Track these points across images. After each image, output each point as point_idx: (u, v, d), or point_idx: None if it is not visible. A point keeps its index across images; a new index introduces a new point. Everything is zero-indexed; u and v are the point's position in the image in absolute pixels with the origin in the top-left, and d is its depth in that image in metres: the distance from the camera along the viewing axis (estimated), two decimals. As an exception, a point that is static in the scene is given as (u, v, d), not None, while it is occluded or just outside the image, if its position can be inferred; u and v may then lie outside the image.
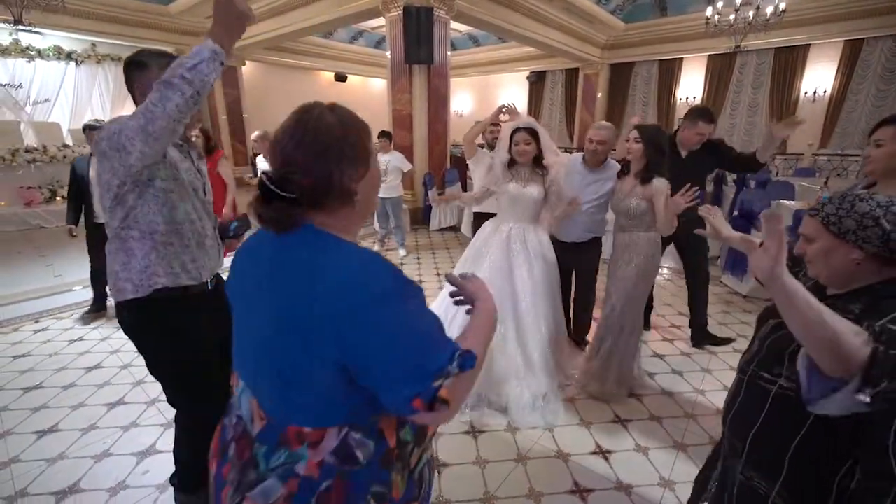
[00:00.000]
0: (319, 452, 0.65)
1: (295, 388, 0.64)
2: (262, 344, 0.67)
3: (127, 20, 8.03)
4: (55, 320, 3.24)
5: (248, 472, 0.67)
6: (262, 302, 0.67)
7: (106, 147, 1.13)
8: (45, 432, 2.02)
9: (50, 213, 6.34)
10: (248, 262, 0.74)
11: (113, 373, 2.52)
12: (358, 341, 0.59)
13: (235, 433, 0.73)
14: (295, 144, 0.64)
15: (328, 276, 0.61)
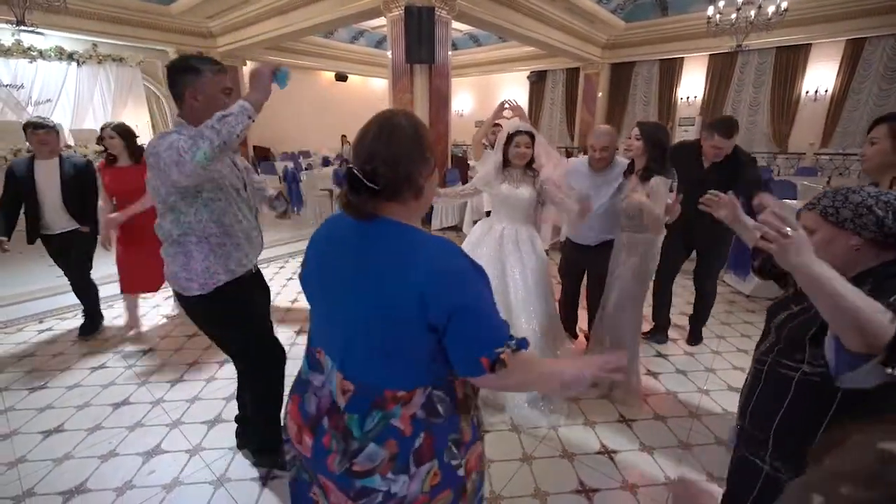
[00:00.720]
0: (411, 408, 0.78)
1: (394, 357, 0.76)
2: (358, 322, 0.77)
3: (128, 20, 8.04)
4: (59, 320, 3.25)
5: (350, 441, 0.78)
6: (353, 286, 0.77)
7: (152, 161, 1.27)
8: (50, 432, 2.02)
9: (52, 213, 6.34)
10: (329, 252, 0.85)
11: (118, 373, 2.53)
12: (457, 307, 0.71)
13: (323, 406, 0.82)
14: (381, 143, 0.75)
15: (419, 258, 0.74)
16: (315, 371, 0.86)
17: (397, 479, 0.77)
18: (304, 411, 0.85)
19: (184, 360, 2.67)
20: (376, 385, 0.77)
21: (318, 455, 0.81)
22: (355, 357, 0.79)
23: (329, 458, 0.79)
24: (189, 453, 1.89)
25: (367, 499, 0.77)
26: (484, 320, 0.74)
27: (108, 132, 2.76)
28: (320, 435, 0.81)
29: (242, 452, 1.86)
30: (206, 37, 9.27)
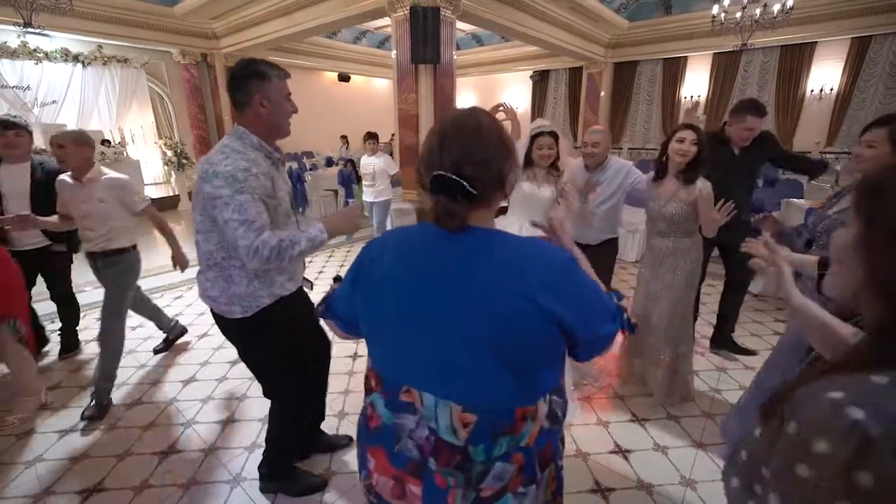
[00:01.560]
0: (538, 422, 0.73)
1: (522, 370, 0.70)
2: (475, 345, 0.68)
3: (132, 22, 8.06)
4: (69, 321, 3.25)
5: (472, 468, 0.71)
6: (462, 307, 0.69)
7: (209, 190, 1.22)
8: (66, 432, 2.03)
9: (58, 214, 6.37)
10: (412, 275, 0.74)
11: (130, 373, 2.54)
12: (577, 298, 0.71)
13: (426, 448, 0.72)
14: (472, 145, 0.71)
15: (535, 264, 0.70)
16: (404, 412, 0.74)
17: (527, 491, 0.73)
18: (398, 461, 0.74)
19: (195, 360, 2.68)
20: (505, 407, 0.70)
21: (434, 497, 0.72)
22: (472, 385, 0.70)
23: (449, 496, 0.71)
24: (204, 452, 1.90)
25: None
26: (600, 299, 0.75)
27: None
28: (429, 478, 0.72)
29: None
30: (209, 38, 9.29)
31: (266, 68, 1.30)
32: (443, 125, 0.74)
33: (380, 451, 0.76)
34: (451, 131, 0.72)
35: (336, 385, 2.40)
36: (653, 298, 2.18)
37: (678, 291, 2.11)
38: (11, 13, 6.03)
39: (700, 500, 1.67)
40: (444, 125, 0.74)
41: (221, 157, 1.24)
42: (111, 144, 7.64)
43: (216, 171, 1.21)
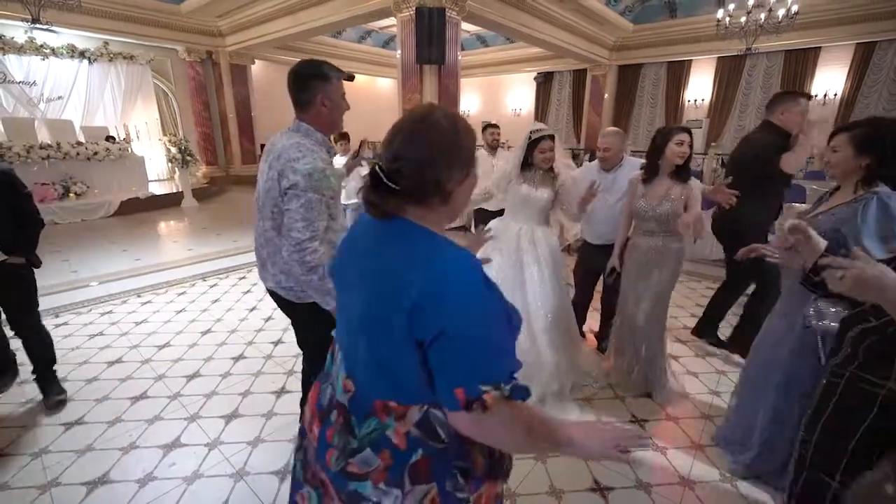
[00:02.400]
0: (405, 424, 0.71)
1: (385, 365, 0.71)
2: (358, 322, 0.74)
3: (139, 19, 8.11)
4: (74, 315, 3.29)
5: (349, 439, 0.75)
6: (362, 284, 0.75)
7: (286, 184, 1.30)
8: (71, 424, 2.06)
9: (64, 209, 6.41)
10: (351, 248, 0.83)
11: (134, 367, 2.56)
12: (438, 325, 0.63)
13: (333, 399, 0.81)
14: (410, 143, 0.70)
15: (421, 265, 0.67)
16: (333, 363, 0.86)
17: (389, 491, 0.71)
18: (319, 400, 0.85)
19: (199, 356, 2.71)
20: (369, 392, 0.73)
21: (321, 447, 0.79)
22: (357, 357, 0.75)
23: (328, 452, 0.77)
24: (208, 447, 1.92)
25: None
26: (477, 350, 0.63)
27: None
28: (326, 427, 0.80)
29: None
30: (215, 36, 9.34)
31: (328, 70, 1.38)
32: (402, 117, 0.75)
33: (315, 388, 0.89)
34: (399, 128, 0.72)
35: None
36: (637, 298, 2.20)
37: (662, 290, 2.14)
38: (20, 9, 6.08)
39: (698, 500, 1.68)
40: (403, 117, 0.74)
41: (299, 155, 1.31)
42: (116, 140, 7.67)
43: (295, 167, 1.29)
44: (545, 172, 2.26)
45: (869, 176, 1.39)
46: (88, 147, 6.99)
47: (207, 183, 9.28)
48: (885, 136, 1.34)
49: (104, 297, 3.60)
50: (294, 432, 2.01)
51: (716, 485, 1.75)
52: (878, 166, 1.36)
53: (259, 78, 10.64)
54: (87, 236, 5.56)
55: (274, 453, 1.89)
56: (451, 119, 0.73)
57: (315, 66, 1.37)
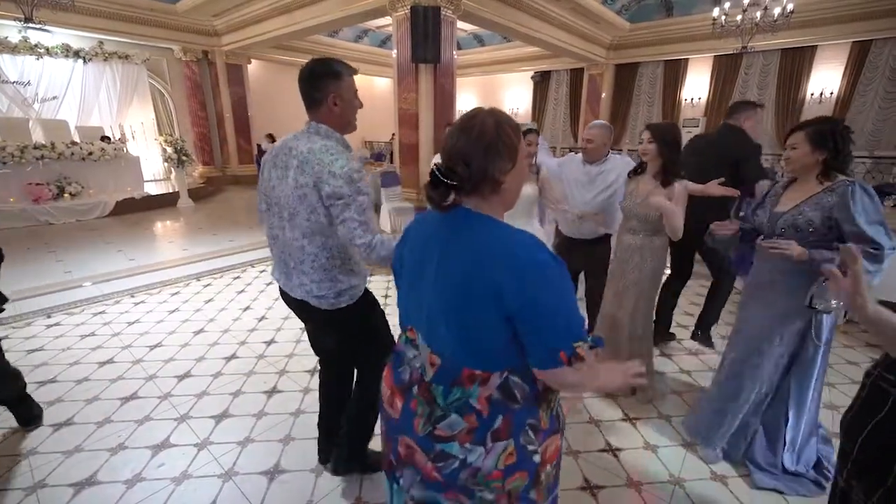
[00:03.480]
0: (488, 389, 0.83)
1: (472, 341, 0.81)
2: (440, 307, 0.83)
3: (134, 18, 8.08)
4: (67, 315, 3.27)
5: (434, 408, 0.86)
6: (438, 270, 0.83)
7: (329, 190, 1.27)
8: (60, 425, 2.04)
9: (58, 209, 6.39)
10: (420, 241, 0.92)
11: (125, 367, 2.55)
12: (527, 297, 0.74)
13: (414, 376, 0.91)
14: (459, 141, 0.81)
15: (498, 248, 0.77)
16: (409, 346, 0.94)
17: (474, 449, 0.83)
18: (397, 378, 0.95)
19: (191, 356, 2.69)
20: (456, 363, 0.83)
21: (406, 417, 0.90)
22: (439, 335, 0.85)
23: (415, 420, 0.88)
24: (197, 447, 1.91)
25: (445, 463, 0.85)
26: (562, 314, 0.76)
27: None
28: (409, 400, 0.90)
29: (326, 467, 1.78)
30: (210, 35, 9.31)
31: (340, 67, 1.34)
32: (452, 125, 0.86)
33: (389, 368, 0.99)
34: (451, 130, 0.83)
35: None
36: (620, 295, 2.20)
37: (643, 288, 2.13)
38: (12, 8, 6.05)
39: (688, 498, 1.68)
40: (452, 125, 0.86)
41: (332, 158, 1.28)
42: (111, 141, 7.64)
43: (332, 171, 1.27)
44: (528, 167, 2.26)
45: (826, 168, 1.51)
46: (83, 147, 6.96)
47: (204, 183, 9.26)
48: (835, 131, 1.48)
49: (97, 298, 3.59)
50: (285, 432, 2.00)
51: (705, 483, 1.75)
52: (832, 159, 1.49)
53: (255, 77, 10.62)
54: (82, 237, 5.55)
55: (263, 453, 1.88)
56: (494, 116, 0.82)
57: (326, 64, 1.33)
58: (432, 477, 0.86)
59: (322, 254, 1.37)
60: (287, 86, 11.55)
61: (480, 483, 0.84)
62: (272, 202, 1.42)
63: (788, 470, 1.71)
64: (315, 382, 2.40)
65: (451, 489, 0.86)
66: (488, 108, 0.85)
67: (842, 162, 1.50)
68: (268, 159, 1.43)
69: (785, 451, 1.72)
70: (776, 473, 1.72)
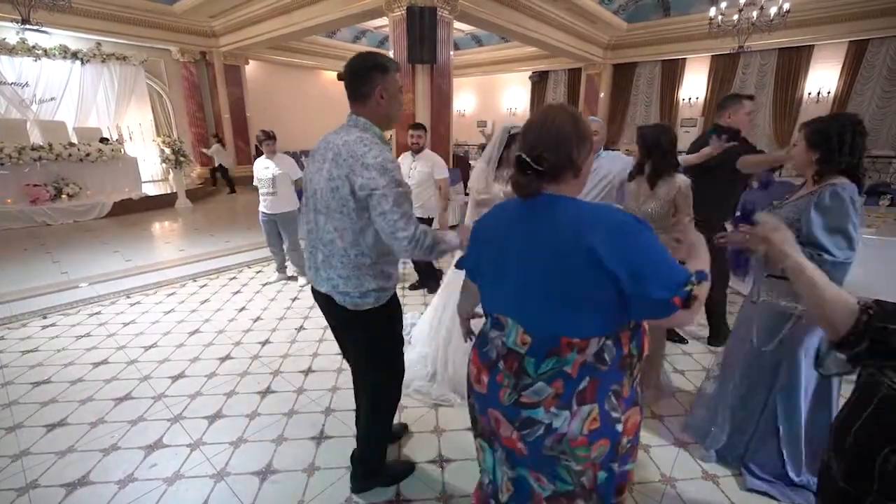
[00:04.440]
0: (584, 355, 0.88)
1: (577, 310, 0.85)
2: (535, 284, 0.88)
3: (132, 19, 8.09)
4: (62, 316, 3.28)
5: (522, 377, 0.92)
6: (528, 253, 0.89)
7: (363, 182, 1.24)
8: (54, 426, 2.05)
9: (55, 210, 6.39)
10: (500, 231, 0.98)
11: (120, 368, 2.56)
12: (630, 256, 0.80)
13: (500, 353, 0.97)
14: (543, 132, 0.89)
15: (591, 220, 0.84)
16: (496, 329, 0.99)
17: (560, 414, 0.88)
18: (484, 356, 1.01)
19: (185, 356, 2.70)
20: (554, 334, 0.88)
21: (493, 389, 0.96)
22: (532, 314, 0.91)
23: (501, 391, 0.94)
24: (190, 447, 1.91)
25: (531, 430, 0.89)
26: (662, 264, 0.81)
27: None
28: (495, 374, 0.96)
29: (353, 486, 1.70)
30: (208, 36, 9.32)
31: (385, 61, 1.33)
32: (530, 119, 0.94)
33: (476, 350, 1.05)
34: (530, 124, 0.92)
35: (324, 382, 2.41)
36: None
37: None
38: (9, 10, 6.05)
39: (679, 497, 1.68)
40: (530, 119, 0.94)
41: (366, 149, 1.26)
42: (109, 142, 7.64)
43: (365, 162, 1.24)
44: None
45: (821, 169, 1.47)
46: (81, 148, 6.97)
47: (201, 184, 9.27)
48: (830, 130, 1.43)
49: (93, 298, 3.59)
50: (278, 432, 2.00)
51: (697, 482, 1.75)
52: (826, 159, 1.45)
53: (253, 78, 10.62)
54: (79, 237, 5.55)
55: (256, 454, 1.88)
56: (567, 110, 0.92)
57: (374, 58, 1.32)
58: (517, 449, 0.92)
59: (352, 250, 1.35)
60: (285, 86, 11.59)
61: (567, 451, 0.87)
62: (309, 195, 1.42)
63: (793, 481, 1.67)
64: (308, 382, 2.41)
65: (534, 465, 0.91)
66: (558, 103, 0.96)
67: (838, 163, 1.43)
68: (310, 155, 1.46)
69: (785, 464, 1.67)
70: (772, 481, 1.69)
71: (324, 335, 2.98)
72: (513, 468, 0.97)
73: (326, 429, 2.04)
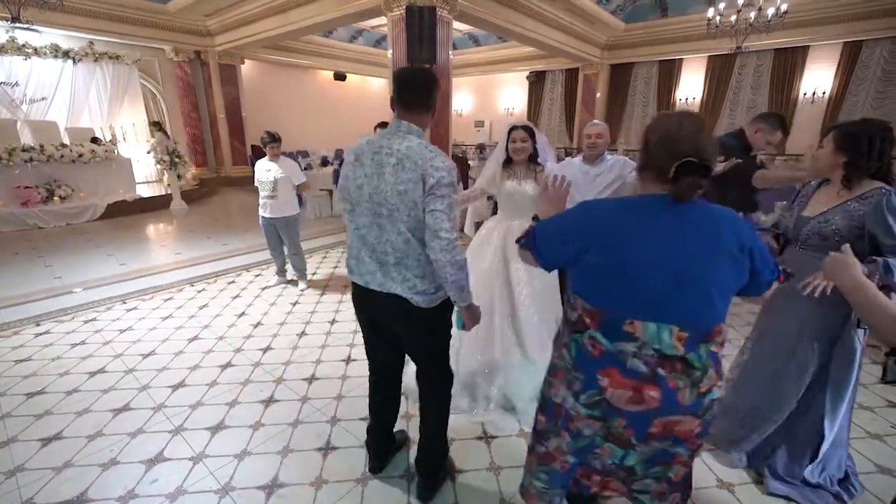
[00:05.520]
0: (722, 335, 1.00)
1: (723, 298, 0.97)
2: (693, 279, 0.94)
3: (124, 18, 7.96)
4: (56, 323, 3.19)
5: (692, 373, 0.97)
6: (678, 255, 0.94)
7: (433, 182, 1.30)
8: (49, 440, 1.98)
9: (47, 213, 6.27)
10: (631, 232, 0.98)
11: (117, 377, 2.49)
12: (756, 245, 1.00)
13: (651, 362, 0.97)
14: (705, 140, 0.94)
15: (728, 217, 0.99)
16: (623, 341, 0.98)
17: (720, 385, 1.02)
18: (633, 374, 0.97)
19: (185, 364, 2.63)
20: (707, 325, 0.96)
21: (669, 397, 0.96)
22: (691, 310, 0.95)
23: (679, 395, 0.96)
24: (192, 461, 1.85)
25: (710, 410, 1.00)
26: (769, 256, 1.04)
27: None
28: (664, 383, 0.96)
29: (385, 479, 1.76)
30: (203, 35, 9.20)
31: (435, 76, 1.47)
32: (679, 120, 0.96)
33: (612, 371, 0.99)
34: (690, 126, 0.94)
35: (329, 390, 2.36)
36: None
37: None
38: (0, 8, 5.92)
39: None
40: (681, 120, 0.96)
41: (432, 154, 1.32)
42: (102, 142, 7.51)
43: (435, 164, 1.31)
44: (528, 166, 2.24)
45: (849, 173, 1.46)
46: (73, 149, 6.84)
47: (197, 185, 9.15)
48: (860, 135, 1.42)
49: (88, 304, 3.51)
50: (283, 444, 1.95)
51: (712, 491, 1.72)
52: (854, 163, 1.44)
53: (249, 78, 10.51)
54: (72, 241, 5.44)
55: (261, 466, 1.83)
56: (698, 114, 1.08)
57: (431, 73, 1.45)
58: (691, 434, 1.00)
59: (425, 250, 1.38)
60: (282, 86, 11.48)
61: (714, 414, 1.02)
62: (357, 201, 1.41)
63: (809, 482, 1.65)
64: (312, 391, 2.36)
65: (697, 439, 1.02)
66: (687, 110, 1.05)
67: (867, 167, 1.43)
68: (347, 160, 1.44)
69: (813, 463, 1.66)
70: (794, 483, 1.67)
71: (326, 341, 2.93)
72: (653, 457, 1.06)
73: (333, 439, 1.98)
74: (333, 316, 3.33)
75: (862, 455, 1.90)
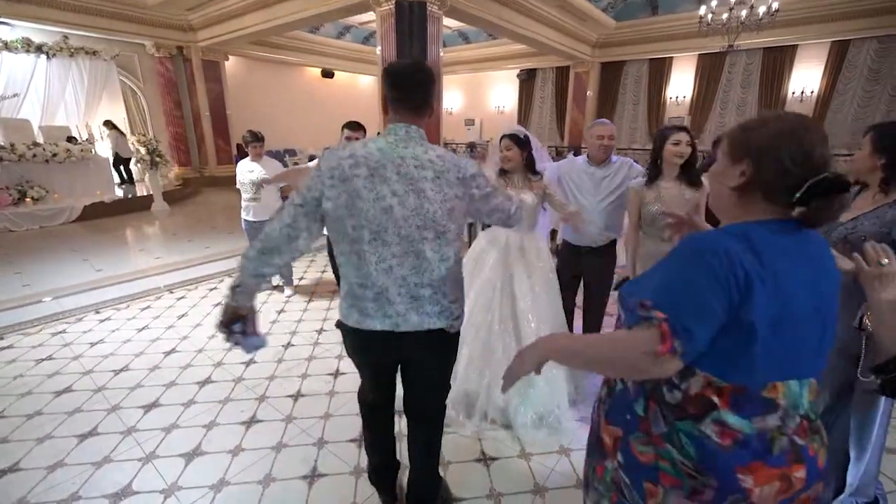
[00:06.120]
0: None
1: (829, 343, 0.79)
2: (828, 321, 0.77)
3: (100, 11, 7.64)
4: (22, 336, 2.98)
5: (819, 430, 0.80)
6: (817, 291, 0.75)
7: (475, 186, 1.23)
8: (4, 472, 1.79)
9: (18, 215, 5.97)
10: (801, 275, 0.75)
11: (85, 397, 2.30)
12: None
13: (790, 430, 0.76)
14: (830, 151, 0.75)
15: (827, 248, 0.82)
16: (761, 415, 0.74)
17: None
18: (779, 462, 0.74)
19: (160, 381, 2.46)
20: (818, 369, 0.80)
21: (812, 468, 0.76)
22: (823, 355, 0.79)
23: (818, 460, 0.78)
24: (164, 494, 1.69)
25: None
26: None
27: None
28: (804, 452, 0.76)
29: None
30: (185, 30, 8.90)
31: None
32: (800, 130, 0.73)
33: (757, 465, 0.74)
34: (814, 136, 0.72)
35: (315, 408, 2.21)
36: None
37: None
38: (-37, -1, 5.60)
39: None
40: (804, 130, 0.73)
41: (462, 161, 1.24)
42: (78, 141, 7.20)
43: (471, 173, 1.23)
44: (524, 175, 2.13)
45: (888, 175, 1.37)
46: (47, 148, 6.53)
47: (180, 185, 8.86)
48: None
49: (58, 315, 3.29)
50: (265, 471, 1.80)
51: None
52: (893, 166, 1.35)
53: (234, 75, 10.22)
54: (45, 245, 5.18)
55: (240, 499, 1.67)
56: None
57: (430, 69, 1.26)
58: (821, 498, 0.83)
59: (456, 266, 1.29)
60: (268, 83, 11.20)
61: None
62: (383, 227, 1.12)
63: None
64: (298, 410, 2.21)
65: None
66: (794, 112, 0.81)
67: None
68: (352, 174, 1.11)
69: (844, 494, 1.54)
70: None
71: (313, 352, 2.77)
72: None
73: (319, 465, 1.84)
74: (321, 325, 3.17)
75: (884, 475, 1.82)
